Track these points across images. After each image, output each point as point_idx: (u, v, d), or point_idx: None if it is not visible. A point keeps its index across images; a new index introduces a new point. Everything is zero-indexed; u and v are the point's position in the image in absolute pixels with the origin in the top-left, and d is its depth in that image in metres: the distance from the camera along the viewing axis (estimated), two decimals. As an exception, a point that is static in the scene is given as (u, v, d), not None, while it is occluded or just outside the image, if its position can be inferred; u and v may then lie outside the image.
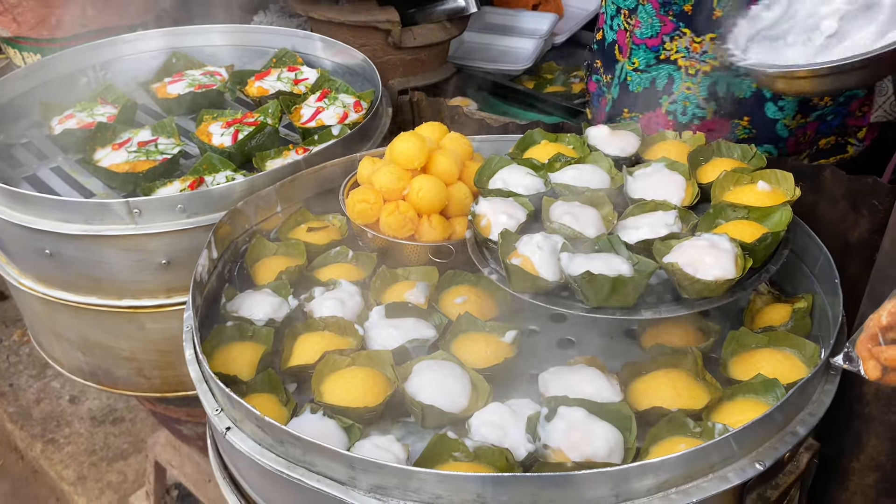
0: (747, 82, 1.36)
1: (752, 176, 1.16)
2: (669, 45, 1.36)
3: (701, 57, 1.35)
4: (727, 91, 1.37)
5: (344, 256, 1.27)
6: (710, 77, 1.36)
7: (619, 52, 1.51)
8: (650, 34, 1.37)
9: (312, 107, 1.68)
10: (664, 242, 1.05)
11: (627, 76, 1.45)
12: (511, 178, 1.22)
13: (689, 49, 1.35)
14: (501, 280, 1.08)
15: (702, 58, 1.35)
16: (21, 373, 2.86)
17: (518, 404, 1.00)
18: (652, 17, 1.36)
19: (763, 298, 1.15)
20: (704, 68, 1.36)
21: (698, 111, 1.40)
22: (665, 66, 1.39)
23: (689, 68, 1.37)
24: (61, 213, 1.32)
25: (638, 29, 1.39)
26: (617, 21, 1.50)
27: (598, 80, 1.62)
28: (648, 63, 1.40)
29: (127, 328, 1.44)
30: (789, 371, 1.00)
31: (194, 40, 1.96)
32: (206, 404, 0.96)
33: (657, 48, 1.37)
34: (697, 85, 1.37)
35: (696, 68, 1.37)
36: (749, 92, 1.36)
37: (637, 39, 1.39)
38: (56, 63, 1.83)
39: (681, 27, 1.35)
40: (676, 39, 1.35)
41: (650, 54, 1.39)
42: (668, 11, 1.34)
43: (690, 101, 1.40)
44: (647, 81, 1.42)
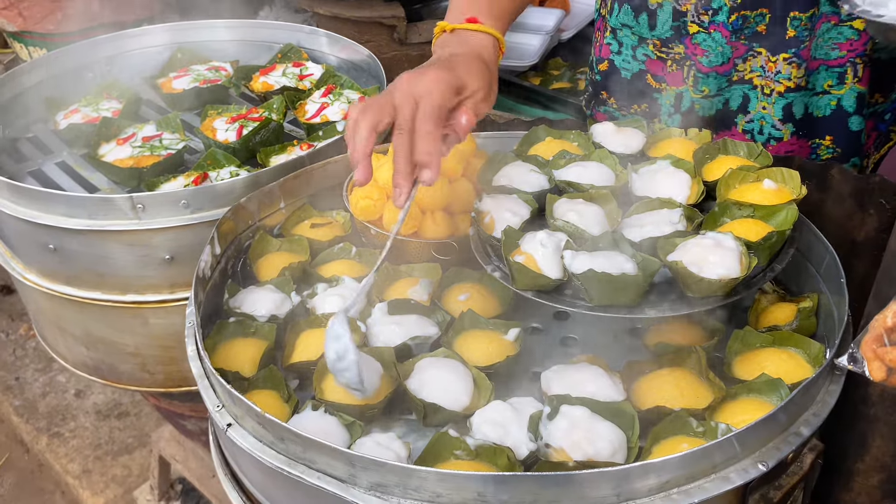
0: (825, 100, 1.33)
1: (758, 174, 1.15)
2: (742, 66, 1.33)
3: (775, 77, 1.32)
4: (804, 112, 1.35)
5: (347, 253, 1.27)
6: (784, 98, 1.33)
7: (655, 80, 1.45)
8: (721, 62, 1.33)
9: (317, 102, 1.68)
10: (668, 240, 1.04)
11: (695, 104, 1.40)
12: (515, 175, 1.21)
13: (765, 68, 1.31)
14: (504, 277, 1.08)
15: (776, 77, 1.32)
16: (27, 366, 2.88)
17: (520, 402, 1.00)
18: (722, 45, 1.32)
19: (768, 297, 1.15)
20: (779, 88, 1.34)
21: (774, 132, 1.37)
22: (739, 86, 1.36)
23: (764, 87, 1.34)
24: (65, 207, 1.32)
25: (704, 57, 1.34)
26: (641, 51, 1.44)
27: (608, 112, 1.55)
28: (721, 87, 1.36)
29: (131, 323, 1.44)
30: (794, 371, 1.00)
31: (199, 35, 1.96)
32: (207, 400, 0.96)
33: (729, 72, 1.34)
34: (772, 105, 1.35)
35: (770, 88, 1.34)
36: (829, 109, 1.34)
37: (704, 69, 1.35)
38: (61, 58, 1.83)
39: (754, 47, 1.32)
40: (750, 60, 1.32)
41: (722, 79, 1.35)
42: (740, 37, 1.31)
43: (766, 122, 1.37)
44: (720, 104, 1.38)
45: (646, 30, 1.41)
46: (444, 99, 1.01)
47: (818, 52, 1.31)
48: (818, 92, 1.34)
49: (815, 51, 1.31)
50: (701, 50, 1.34)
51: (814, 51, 1.31)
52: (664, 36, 1.38)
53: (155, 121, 1.66)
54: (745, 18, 1.29)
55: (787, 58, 1.30)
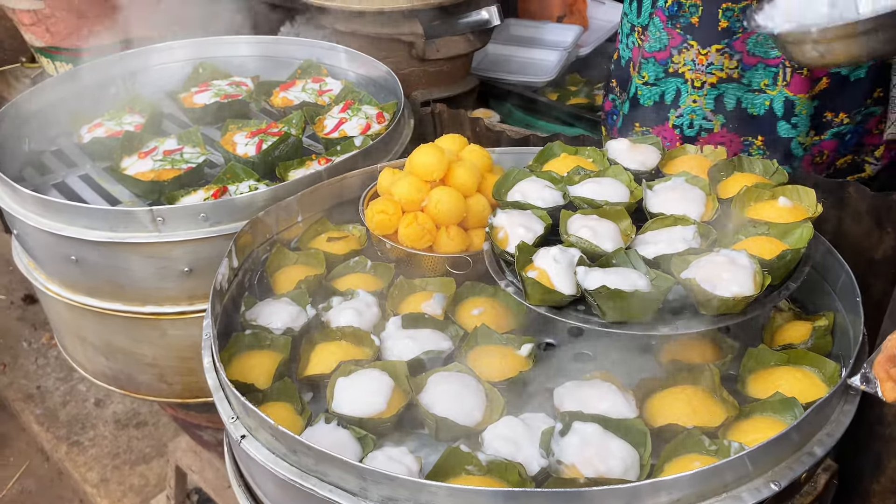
0: (760, 98, 1.35)
1: (773, 191, 1.15)
2: (677, 57, 1.36)
3: (707, 69, 1.34)
4: (736, 105, 1.36)
5: (362, 266, 1.28)
6: (716, 89, 1.35)
7: (633, 68, 1.51)
8: (658, 47, 1.37)
9: (336, 118, 1.70)
10: (682, 258, 1.04)
11: (638, 90, 1.45)
12: (529, 191, 1.22)
13: (696, 62, 1.34)
14: (518, 293, 1.08)
15: (707, 70, 1.34)
16: (48, 375, 2.92)
17: (532, 418, 1.00)
18: (660, 30, 1.36)
19: (783, 316, 1.14)
20: (711, 80, 1.35)
21: (705, 123, 1.39)
22: (673, 79, 1.39)
23: (695, 81, 1.36)
24: (87, 220, 1.35)
25: (647, 43, 1.39)
26: (631, 39, 1.50)
27: (613, 100, 1.62)
28: (658, 77, 1.39)
29: (149, 334, 1.46)
30: (808, 390, 0.99)
31: (221, 51, 1.99)
32: (222, 412, 0.97)
33: (665, 61, 1.37)
34: (703, 97, 1.36)
35: (701, 80, 1.36)
36: (762, 109, 1.35)
37: (646, 53, 1.39)
38: (86, 72, 1.86)
39: (688, 39, 1.35)
40: (684, 52, 1.35)
41: (659, 68, 1.38)
42: (675, 24, 1.34)
43: (697, 114, 1.39)
44: (657, 95, 1.41)
45: (635, 16, 1.47)
46: None
47: (758, 49, 1.32)
48: (754, 89, 1.34)
49: (754, 47, 1.32)
50: (647, 35, 1.37)
51: (753, 47, 1.32)
52: (644, 23, 1.43)
53: (176, 135, 1.69)
54: (679, 5, 1.31)
55: (720, 48, 1.32)
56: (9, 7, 2.07)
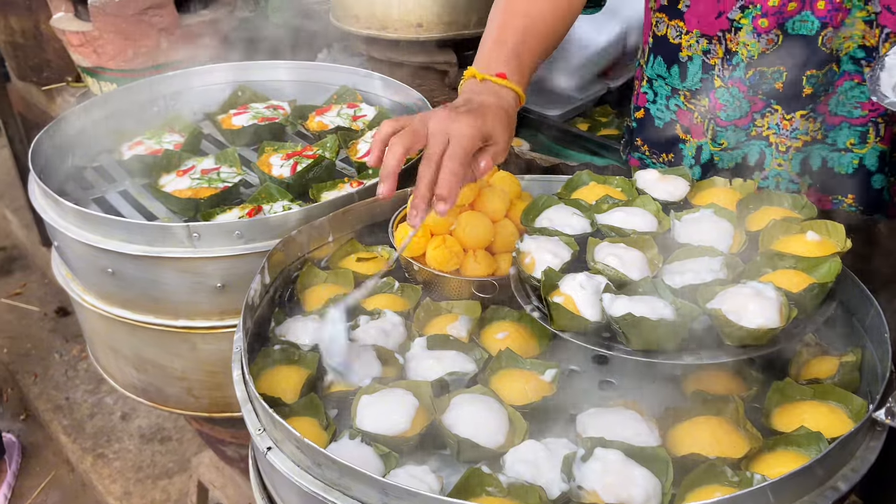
0: (847, 157, 1.34)
1: (801, 225, 1.15)
2: (760, 121, 1.36)
3: (791, 134, 1.34)
4: (822, 165, 1.35)
5: (390, 287, 1.30)
6: (802, 152, 1.35)
7: (683, 131, 1.49)
8: (738, 115, 1.36)
9: (369, 142, 1.73)
10: (708, 288, 1.05)
11: (714, 157, 1.44)
12: (557, 218, 1.23)
13: (780, 126, 1.34)
14: (543, 318, 1.09)
15: (792, 135, 1.34)
16: (77, 387, 2.97)
17: (554, 443, 1.00)
18: (739, 99, 1.35)
19: (810, 350, 1.13)
20: (796, 144, 1.35)
21: (791, 185, 1.39)
22: (756, 141, 1.38)
23: (779, 145, 1.36)
24: (125, 233, 1.38)
25: (723, 112, 1.38)
26: (674, 101, 1.48)
27: (642, 158, 1.60)
28: (739, 141, 1.39)
29: (180, 348, 1.49)
30: (835, 425, 0.98)
31: (260, 75, 2.04)
32: (249, 424, 0.99)
33: (748, 126, 1.37)
34: (789, 161, 1.36)
35: (786, 145, 1.36)
36: (850, 168, 1.34)
37: (723, 122, 1.38)
38: (130, 92, 1.93)
39: (772, 104, 1.35)
40: (767, 116, 1.35)
41: (741, 133, 1.38)
42: (757, 92, 1.34)
43: (783, 178, 1.39)
44: (739, 157, 1.40)
45: (677, 81, 1.44)
46: (472, 144, 1.11)
47: (840, 108, 1.31)
48: (840, 149, 1.33)
49: (836, 107, 1.32)
50: (720, 104, 1.37)
51: (835, 107, 1.32)
52: (694, 87, 1.42)
53: (214, 155, 1.73)
54: (762, 74, 1.31)
55: (804, 114, 1.31)
56: (59, 28, 2.15)
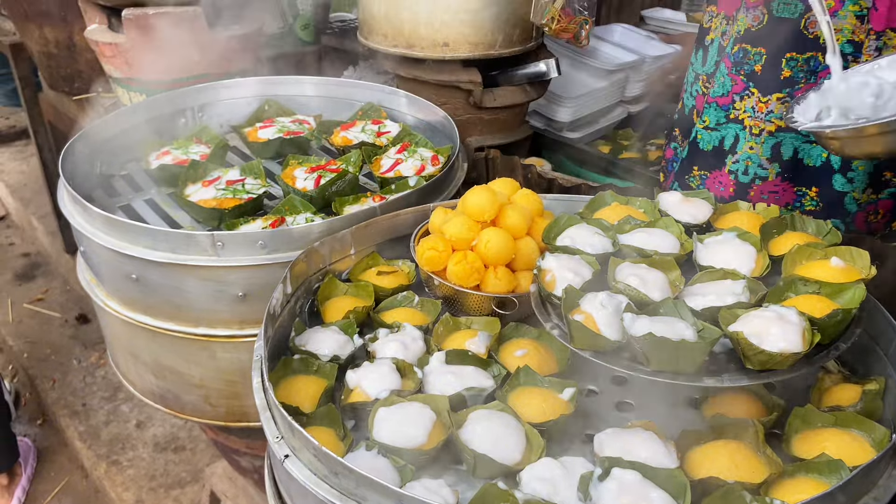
0: (818, 150, 1.35)
1: (825, 251, 1.14)
2: (739, 104, 1.38)
3: (766, 117, 1.35)
4: (793, 154, 1.36)
5: (410, 301, 1.31)
6: (774, 137, 1.35)
7: (695, 115, 1.53)
8: (722, 93, 1.39)
9: (392, 158, 1.75)
10: (730, 311, 1.04)
11: (698, 134, 1.47)
12: (579, 237, 1.23)
13: (756, 109, 1.35)
14: (563, 336, 1.09)
15: (766, 117, 1.35)
16: (94, 394, 2.99)
17: (571, 462, 1.00)
18: (724, 76, 1.38)
19: (832, 377, 1.12)
20: (769, 128, 1.36)
21: (760, 171, 1.40)
22: (733, 125, 1.40)
23: (753, 128, 1.37)
24: (150, 240, 1.40)
25: (712, 88, 1.42)
26: (696, 87, 1.53)
27: (675, 147, 1.65)
28: (718, 122, 1.41)
29: (199, 355, 1.50)
30: (856, 454, 0.97)
31: (287, 89, 2.07)
32: (267, 431, 0.99)
33: (727, 107, 1.39)
34: (761, 145, 1.37)
35: (759, 128, 1.37)
36: (819, 160, 1.35)
37: (710, 98, 1.42)
38: (159, 103, 1.96)
39: (750, 87, 1.37)
40: (745, 99, 1.37)
41: (721, 113, 1.40)
42: (739, 71, 1.37)
43: (753, 161, 1.40)
44: (716, 140, 1.43)
45: (700, 66, 1.50)
46: None
47: None
48: (812, 140, 1.34)
49: None
50: (713, 81, 1.39)
51: None
52: (709, 71, 1.45)
53: (239, 166, 1.76)
54: (745, 52, 1.33)
55: (781, 97, 1.32)
56: (93, 39, 2.19)
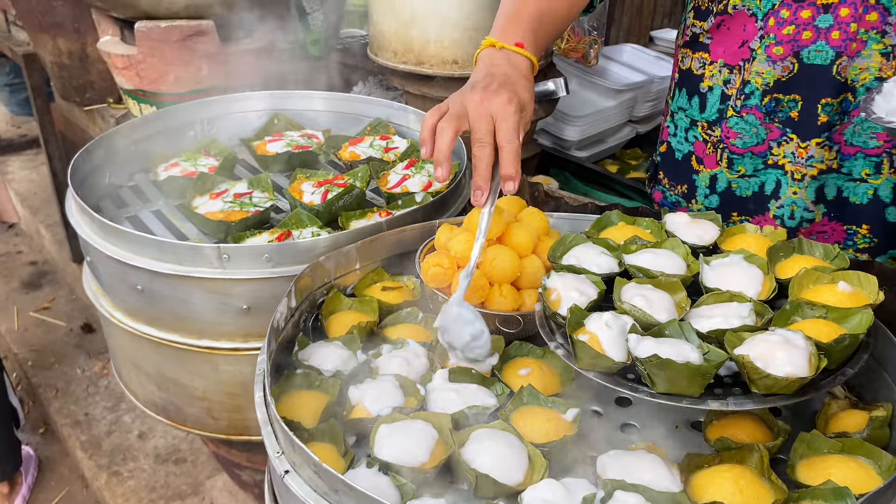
0: (862, 187, 1.34)
1: (833, 275, 1.13)
2: (777, 150, 1.38)
3: (807, 162, 1.35)
4: (837, 194, 1.35)
5: (414, 317, 1.30)
6: (817, 180, 1.35)
7: (696, 162, 1.52)
8: (755, 142, 1.38)
9: (399, 174, 1.75)
10: (736, 334, 1.04)
11: (732, 184, 1.45)
12: (585, 256, 1.23)
13: (796, 154, 1.35)
14: (567, 356, 1.08)
15: (808, 163, 1.35)
16: (97, 404, 2.99)
17: (573, 484, 0.99)
18: (756, 126, 1.37)
19: (838, 403, 1.11)
20: (811, 172, 1.36)
21: (806, 214, 1.39)
22: (773, 170, 1.39)
23: (794, 173, 1.37)
24: (156, 251, 1.41)
25: (738, 140, 1.40)
26: (692, 133, 1.51)
27: (663, 191, 1.63)
28: (756, 168, 1.40)
29: (202, 368, 1.50)
30: (863, 481, 0.96)
31: (296, 104, 2.08)
32: (268, 446, 0.99)
33: (765, 154, 1.38)
34: (804, 189, 1.37)
35: (802, 173, 1.36)
36: (865, 198, 1.35)
37: (739, 150, 1.40)
38: (169, 115, 1.97)
39: (787, 132, 1.36)
40: (783, 145, 1.36)
41: (757, 160, 1.39)
42: (773, 119, 1.36)
43: (798, 206, 1.40)
44: (756, 186, 1.42)
45: (697, 112, 1.48)
46: (516, 119, 1.14)
47: (856, 138, 1.32)
48: (855, 178, 1.34)
49: (852, 136, 1.32)
50: (733, 133, 1.39)
51: (850, 136, 1.32)
52: (711, 118, 1.44)
53: (247, 179, 1.76)
54: (777, 101, 1.32)
55: (820, 142, 1.32)
56: (105, 51, 2.22)
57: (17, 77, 4.89)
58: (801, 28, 1.31)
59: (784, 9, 1.32)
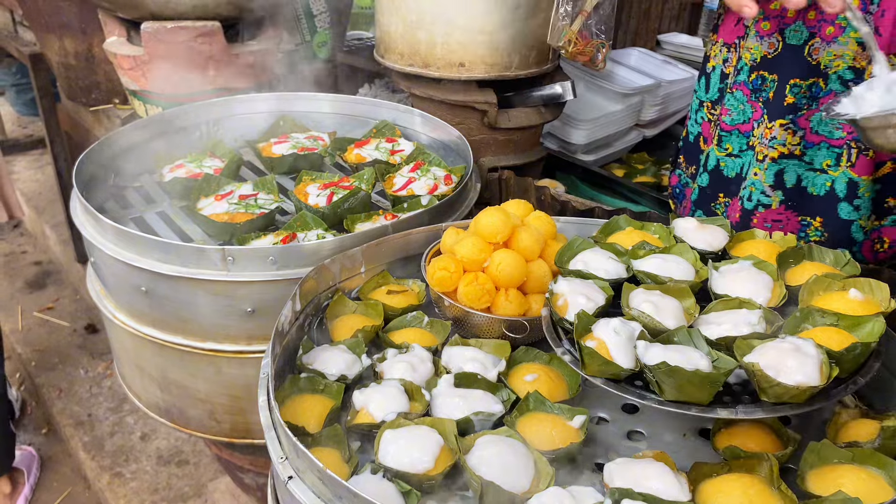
0: (821, 178, 1.33)
1: (843, 283, 1.12)
2: (756, 130, 1.37)
3: (770, 142, 1.33)
4: (796, 182, 1.34)
5: (419, 321, 1.29)
6: (777, 164, 1.34)
7: (703, 142, 1.53)
8: (742, 120, 1.38)
9: (405, 177, 1.74)
10: (746, 341, 1.02)
11: (720, 162, 1.45)
12: (592, 261, 1.22)
13: (763, 135, 1.34)
14: (574, 362, 1.07)
15: (770, 143, 1.33)
16: (100, 405, 2.98)
17: (580, 492, 0.97)
18: (743, 103, 1.37)
19: (849, 412, 1.10)
20: (772, 154, 1.34)
21: (763, 198, 1.38)
22: (750, 152, 1.39)
23: (758, 154, 1.36)
24: (161, 253, 1.40)
25: (727, 116, 1.40)
26: (700, 114, 1.53)
27: (680, 175, 1.65)
28: (741, 148, 1.40)
29: (205, 370, 1.49)
30: (874, 492, 0.94)
31: (302, 106, 2.08)
32: (272, 451, 0.98)
33: (748, 134, 1.38)
34: (764, 171, 1.35)
35: (763, 153, 1.35)
36: (823, 189, 1.33)
37: (727, 126, 1.40)
38: (174, 116, 1.97)
39: (764, 113, 1.36)
40: (761, 125, 1.36)
41: (743, 140, 1.39)
42: (758, 98, 1.35)
43: (756, 188, 1.38)
44: (738, 167, 1.42)
45: (703, 93, 1.50)
46: None
47: (822, 127, 1.31)
48: (816, 168, 1.32)
49: (818, 125, 1.31)
50: (725, 109, 1.39)
51: (817, 125, 1.31)
52: (713, 98, 1.46)
53: (253, 181, 1.76)
54: (762, 79, 1.32)
55: (784, 124, 1.31)
56: (111, 52, 2.21)
57: (23, 77, 4.90)
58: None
59: None
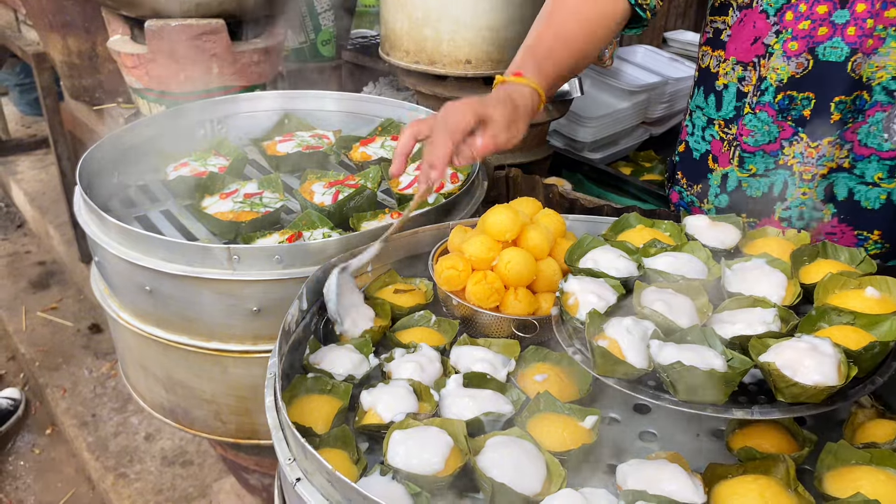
0: (875, 192, 1.31)
1: (859, 281, 1.10)
2: (787, 149, 1.35)
3: (817, 162, 1.32)
4: (848, 195, 1.32)
5: (427, 321, 1.28)
6: (827, 179, 1.32)
7: (712, 160, 1.49)
8: (767, 140, 1.35)
9: (411, 175, 1.72)
10: (761, 340, 1.01)
11: (742, 183, 1.43)
12: (603, 260, 1.20)
13: (805, 154, 1.32)
14: (585, 362, 1.05)
15: (818, 163, 1.32)
16: (104, 405, 2.97)
17: (593, 494, 0.96)
18: (768, 124, 1.35)
19: (866, 412, 1.08)
20: (821, 171, 1.33)
21: (815, 213, 1.36)
22: (782, 170, 1.37)
23: (804, 174, 1.34)
24: (165, 252, 1.38)
25: (750, 137, 1.38)
26: (710, 132, 1.49)
27: (680, 192, 1.61)
28: (767, 168, 1.38)
29: (211, 370, 1.47)
30: (893, 494, 0.92)
31: (307, 104, 2.06)
32: (279, 452, 0.96)
33: (776, 153, 1.36)
34: (814, 189, 1.34)
35: (811, 173, 1.34)
36: (878, 203, 1.31)
37: (751, 147, 1.38)
38: (178, 115, 1.95)
39: (798, 132, 1.34)
40: (794, 144, 1.34)
41: (769, 159, 1.37)
42: (786, 117, 1.33)
43: (806, 206, 1.37)
44: (766, 186, 1.39)
45: (713, 110, 1.46)
46: (462, 120, 1.16)
47: (870, 140, 1.29)
48: (867, 182, 1.31)
49: (866, 137, 1.29)
50: (746, 130, 1.37)
51: (864, 137, 1.29)
52: (728, 116, 1.43)
53: (257, 179, 1.74)
54: (791, 99, 1.30)
55: (831, 140, 1.29)
56: (115, 50, 2.20)
57: (27, 77, 4.89)
58: (817, 24, 1.28)
59: (802, 2, 1.30)
